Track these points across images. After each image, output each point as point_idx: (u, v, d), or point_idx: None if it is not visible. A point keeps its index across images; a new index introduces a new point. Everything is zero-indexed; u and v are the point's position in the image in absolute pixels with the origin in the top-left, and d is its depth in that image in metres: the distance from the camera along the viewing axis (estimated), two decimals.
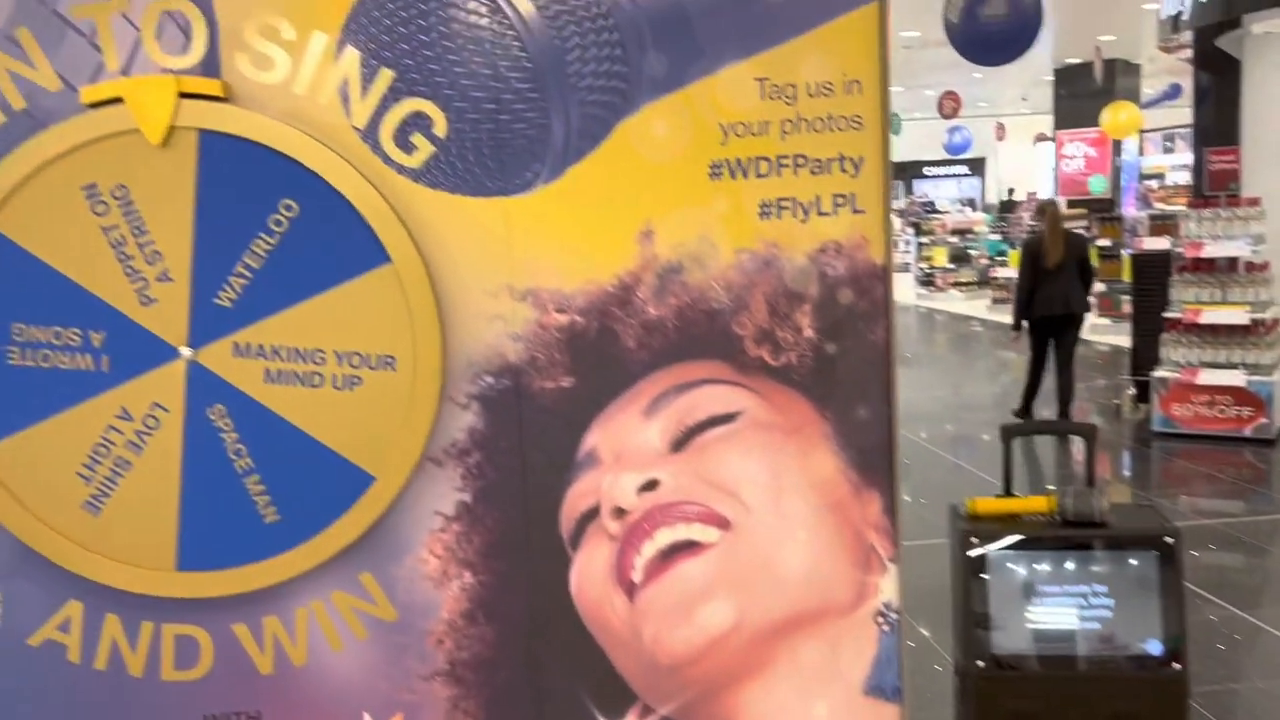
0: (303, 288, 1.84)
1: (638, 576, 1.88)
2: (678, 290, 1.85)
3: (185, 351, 1.85)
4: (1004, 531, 2.41)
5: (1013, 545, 2.40)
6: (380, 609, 1.92)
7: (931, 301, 19.31)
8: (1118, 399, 8.99)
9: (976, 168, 31.05)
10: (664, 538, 1.87)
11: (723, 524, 1.87)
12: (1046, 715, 2.35)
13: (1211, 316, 7.78)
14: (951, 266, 20.01)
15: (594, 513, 1.89)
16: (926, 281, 20.13)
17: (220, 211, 1.82)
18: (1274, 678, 4.10)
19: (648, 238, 1.84)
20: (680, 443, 1.87)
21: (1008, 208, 22.05)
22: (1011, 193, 23.79)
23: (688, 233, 1.84)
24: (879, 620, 1.92)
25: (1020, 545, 2.40)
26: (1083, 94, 19.11)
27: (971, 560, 2.38)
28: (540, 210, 1.83)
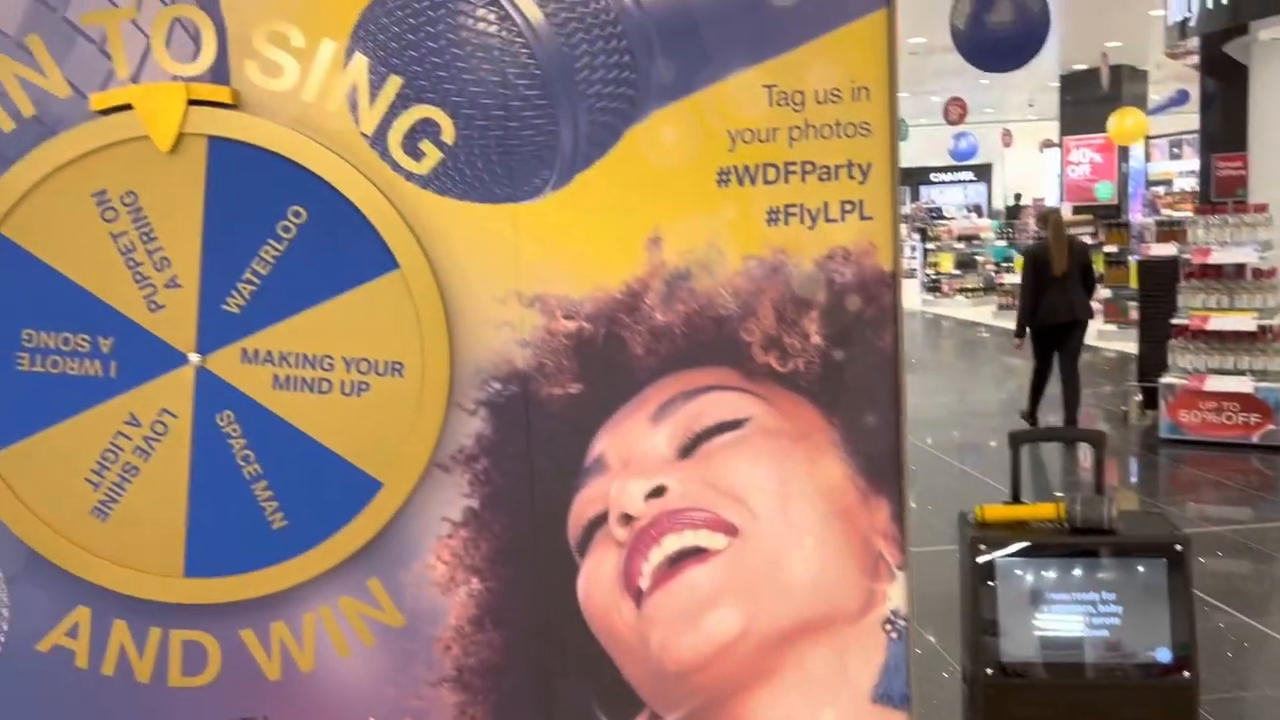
0: (311, 294, 1.84)
1: (645, 583, 1.88)
2: (685, 297, 1.85)
3: (194, 358, 1.85)
4: (1012, 538, 2.40)
5: (1021, 552, 2.39)
6: (388, 615, 1.92)
7: (937, 307, 19.29)
8: (1125, 405, 8.97)
9: (983, 174, 31.02)
10: (671, 544, 1.87)
11: (730, 530, 1.87)
12: None
13: (1219, 323, 7.77)
14: (957, 272, 20.00)
15: (601, 519, 1.89)
16: (932, 287, 20.12)
17: (229, 218, 1.82)
18: None
19: (656, 244, 1.84)
20: (688, 449, 1.87)
21: (1014, 214, 22.02)
22: (1018, 199, 23.76)
23: (696, 239, 1.84)
24: (887, 628, 1.91)
25: (1029, 552, 2.39)
26: (1089, 100, 19.09)
27: (980, 567, 2.37)
28: (548, 217, 1.83)
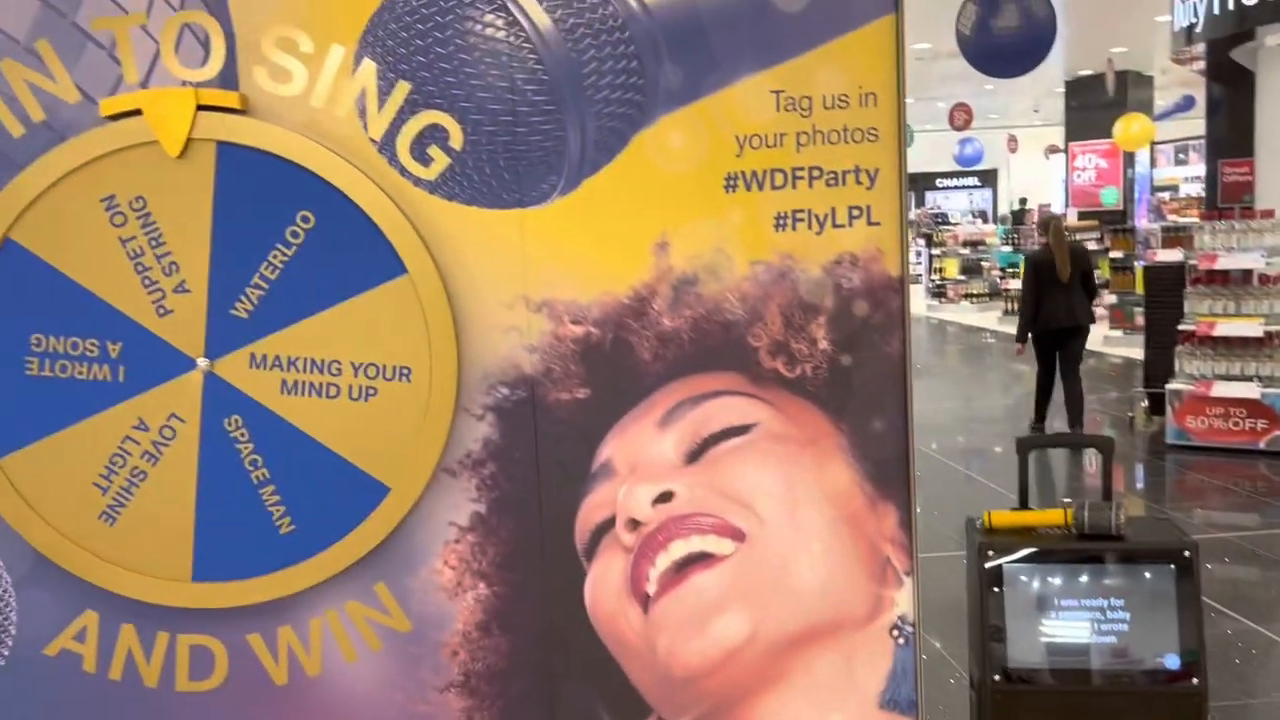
0: (319, 299, 1.84)
1: (652, 588, 1.88)
2: (693, 302, 1.85)
3: (202, 362, 1.86)
4: (1020, 544, 2.39)
5: (1029, 558, 2.38)
6: (395, 620, 1.92)
7: (943, 313, 19.26)
8: (1130, 411, 8.95)
9: (988, 179, 30.99)
10: (678, 549, 1.87)
11: (737, 536, 1.87)
12: None
13: (1225, 329, 7.74)
14: (963, 278, 19.99)
15: (609, 524, 1.89)
16: (938, 293, 20.11)
17: (237, 223, 1.83)
18: None
19: (663, 249, 1.84)
20: (695, 454, 1.87)
21: (1019, 219, 22.01)
22: (1023, 204, 23.73)
23: (703, 244, 1.84)
24: (894, 633, 1.91)
25: (1036, 558, 2.38)
26: (1095, 106, 19.07)
27: (987, 572, 2.36)
28: (556, 222, 1.83)
